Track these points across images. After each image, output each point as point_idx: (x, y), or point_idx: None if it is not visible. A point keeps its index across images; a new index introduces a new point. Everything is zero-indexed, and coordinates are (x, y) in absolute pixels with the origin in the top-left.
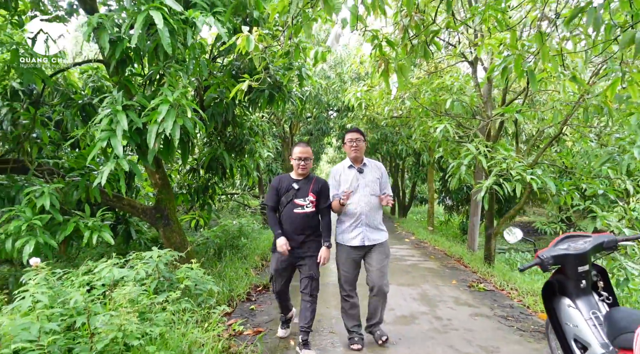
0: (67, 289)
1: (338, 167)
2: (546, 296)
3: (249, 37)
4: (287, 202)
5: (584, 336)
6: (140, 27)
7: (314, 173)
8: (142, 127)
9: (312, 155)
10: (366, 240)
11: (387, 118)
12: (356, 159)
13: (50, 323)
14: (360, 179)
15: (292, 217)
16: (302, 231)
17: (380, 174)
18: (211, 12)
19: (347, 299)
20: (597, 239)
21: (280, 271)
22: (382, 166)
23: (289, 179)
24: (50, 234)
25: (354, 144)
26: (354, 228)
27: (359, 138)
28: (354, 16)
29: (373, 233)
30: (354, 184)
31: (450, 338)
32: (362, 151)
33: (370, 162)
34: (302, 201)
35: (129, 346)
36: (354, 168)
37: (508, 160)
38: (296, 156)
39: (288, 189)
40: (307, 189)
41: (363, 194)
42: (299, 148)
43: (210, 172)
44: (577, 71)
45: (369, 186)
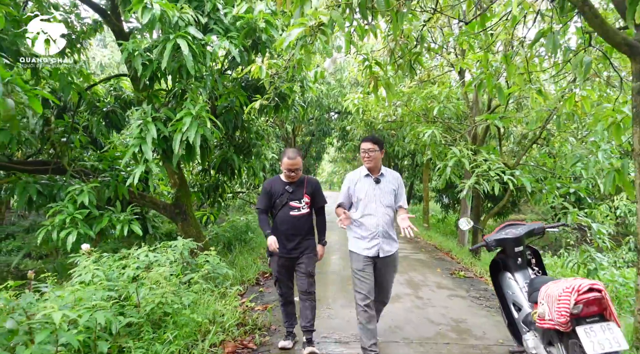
0: (113, 269)
1: (354, 174)
2: (492, 271)
3: (261, 67)
4: (282, 205)
5: (519, 300)
6: (169, 54)
7: (305, 174)
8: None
9: (301, 164)
10: (381, 251)
11: (382, 123)
12: (372, 169)
13: (109, 292)
14: (376, 189)
15: (289, 219)
16: (299, 231)
17: (396, 186)
18: (226, 37)
19: (367, 310)
20: (529, 226)
21: (282, 273)
22: (399, 177)
23: (281, 182)
24: (88, 226)
25: (367, 154)
26: (371, 239)
27: (373, 149)
28: (347, 42)
29: (388, 245)
30: (370, 194)
31: (427, 312)
32: (377, 162)
33: (388, 173)
34: (297, 203)
35: (167, 313)
36: (371, 177)
37: (488, 162)
38: (285, 168)
39: (282, 193)
40: (302, 191)
41: (381, 205)
42: (288, 160)
43: (220, 172)
44: (542, 85)
45: (385, 196)
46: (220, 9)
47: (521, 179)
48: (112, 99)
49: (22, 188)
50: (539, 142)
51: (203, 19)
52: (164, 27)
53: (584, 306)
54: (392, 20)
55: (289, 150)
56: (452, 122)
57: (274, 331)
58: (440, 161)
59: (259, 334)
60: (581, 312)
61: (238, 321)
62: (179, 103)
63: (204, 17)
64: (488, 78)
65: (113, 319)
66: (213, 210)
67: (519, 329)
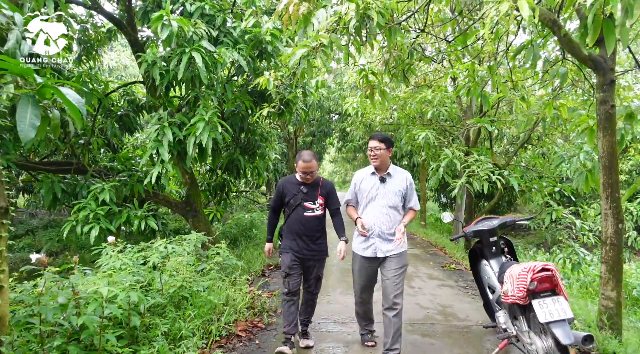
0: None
1: (361, 172)
2: (471, 259)
3: (269, 79)
4: (296, 205)
5: (493, 283)
6: (184, 65)
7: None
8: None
9: (316, 167)
10: (378, 251)
11: (379, 125)
12: (378, 168)
13: (136, 276)
14: (380, 188)
15: (303, 219)
16: (313, 232)
17: (404, 186)
18: (235, 48)
19: (363, 306)
20: (502, 219)
21: (293, 268)
22: (409, 177)
23: (295, 182)
24: (109, 221)
25: (373, 152)
26: (366, 238)
27: (379, 147)
28: (346, 55)
29: (386, 245)
30: (372, 193)
31: (417, 299)
32: (383, 160)
33: (397, 172)
34: (311, 204)
35: (185, 297)
36: (376, 176)
37: (478, 162)
38: (301, 170)
39: (296, 193)
40: (316, 193)
41: (380, 205)
42: (303, 163)
43: (226, 172)
44: (529, 92)
45: (389, 196)
46: (230, 22)
47: (509, 178)
48: (126, 103)
49: (48, 186)
50: (533, 143)
51: (214, 32)
52: (179, 41)
53: (537, 283)
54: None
55: (304, 153)
56: (447, 124)
57: (280, 314)
58: (434, 162)
59: (267, 315)
60: (536, 288)
61: (248, 305)
62: (191, 109)
63: (215, 31)
64: (474, 86)
65: (143, 299)
66: (219, 208)
67: (493, 308)
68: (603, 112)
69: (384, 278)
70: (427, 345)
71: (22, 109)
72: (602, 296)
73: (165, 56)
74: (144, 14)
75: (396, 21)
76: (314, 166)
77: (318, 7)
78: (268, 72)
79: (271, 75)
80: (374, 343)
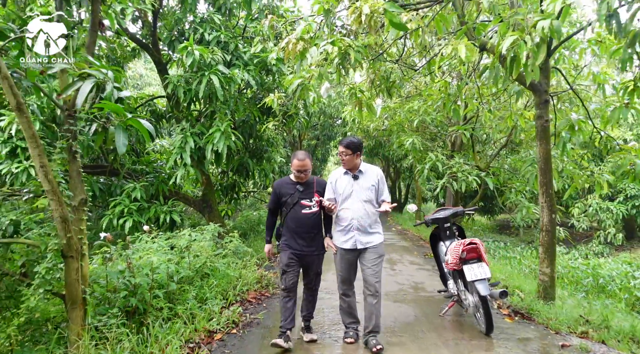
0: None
1: (335, 173)
2: (432, 240)
3: (273, 99)
4: (293, 204)
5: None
6: (204, 86)
7: (313, 175)
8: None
9: (310, 166)
10: (358, 243)
11: (374, 131)
12: (350, 170)
13: (169, 255)
14: (354, 185)
15: (301, 217)
16: (311, 229)
17: (376, 181)
18: (245, 69)
19: (345, 298)
20: (454, 209)
21: (291, 266)
22: (380, 172)
23: (291, 183)
24: (139, 215)
25: (341, 157)
26: (346, 232)
27: (345, 152)
28: (338, 76)
29: (365, 237)
30: (347, 190)
31: (396, 278)
32: (351, 164)
33: (368, 169)
34: (308, 201)
35: (206, 273)
36: (349, 175)
37: (457, 165)
38: (295, 168)
39: (293, 192)
40: (312, 191)
41: (356, 200)
42: (298, 162)
43: (237, 174)
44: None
45: (363, 192)
46: (241, 48)
47: (485, 179)
48: (148, 113)
49: (89, 186)
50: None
51: (227, 56)
52: (200, 65)
53: (466, 253)
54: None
55: (299, 152)
56: (436, 130)
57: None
58: (420, 164)
59: (272, 287)
60: (466, 256)
61: (257, 280)
62: (209, 120)
63: (228, 55)
64: (446, 100)
65: (178, 270)
66: (230, 206)
67: (446, 278)
68: (539, 126)
69: (363, 267)
70: (396, 307)
71: (118, 134)
72: (540, 272)
73: (187, 77)
74: (170, 42)
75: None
76: (308, 165)
77: (311, 46)
78: (272, 93)
79: (275, 96)
80: (353, 340)
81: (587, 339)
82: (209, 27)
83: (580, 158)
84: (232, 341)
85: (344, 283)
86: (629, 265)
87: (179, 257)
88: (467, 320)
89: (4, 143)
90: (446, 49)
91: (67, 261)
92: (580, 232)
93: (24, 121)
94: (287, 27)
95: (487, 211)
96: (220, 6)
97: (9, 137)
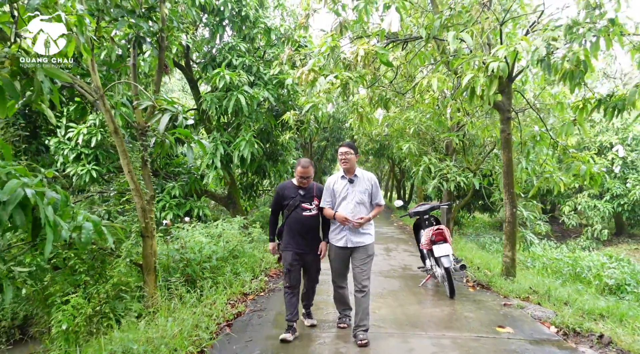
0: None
1: (333, 177)
2: (414, 229)
3: (290, 117)
4: (294, 207)
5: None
6: (232, 103)
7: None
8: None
9: (312, 173)
10: (349, 242)
11: (376, 137)
12: (347, 170)
13: (207, 238)
14: (349, 188)
15: (302, 219)
16: (310, 230)
17: (370, 186)
18: (265, 88)
19: (338, 290)
20: (432, 204)
21: (294, 265)
22: (373, 178)
23: (293, 187)
24: (178, 209)
25: (343, 157)
26: (339, 231)
27: (348, 152)
28: (342, 97)
29: (356, 237)
30: (343, 193)
31: (389, 262)
32: (352, 163)
33: (362, 174)
34: (308, 204)
35: (236, 255)
36: (346, 179)
37: (448, 167)
38: (299, 175)
39: (294, 196)
40: (312, 195)
41: (350, 202)
42: (302, 169)
43: (255, 174)
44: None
45: (357, 195)
46: (262, 69)
47: (472, 180)
48: None
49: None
50: None
51: (250, 77)
52: (229, 86)
53: (435, 236)
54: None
55: (302, 160)
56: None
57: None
58: (415, 167)
59: None
60: (435, 238)
61: (276, 261)
62: (234, 130)
63: (251, 76)
64: (434, 114)
65: (217, 250)
66: (249, 203)
67: (424, 257)
68: (503, 138)
69: (353, 266)
70: (386, 281)
71: (189, 150)
72: (504, 255)
73: (219, 96)
74: (203, 67)
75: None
76: (311, 172)
77: (319, 76)
78: (286, 105)
79: (291, 114)
80: (346, 325)
81: (527, 301)
82: (236, 54)
83: (544, 163)
84: (261, 300)
85: (338, 276)
86: (609, 257)
87: (215, 242)
88: (439, 290)
89: (72, 150)
90: (423, 81)
91: (145, 239)
92: (571, 229)
93: (118, 140)
94: (301, 57)
95: (487, 209)
96: (244, 36)
97: (75, 144)
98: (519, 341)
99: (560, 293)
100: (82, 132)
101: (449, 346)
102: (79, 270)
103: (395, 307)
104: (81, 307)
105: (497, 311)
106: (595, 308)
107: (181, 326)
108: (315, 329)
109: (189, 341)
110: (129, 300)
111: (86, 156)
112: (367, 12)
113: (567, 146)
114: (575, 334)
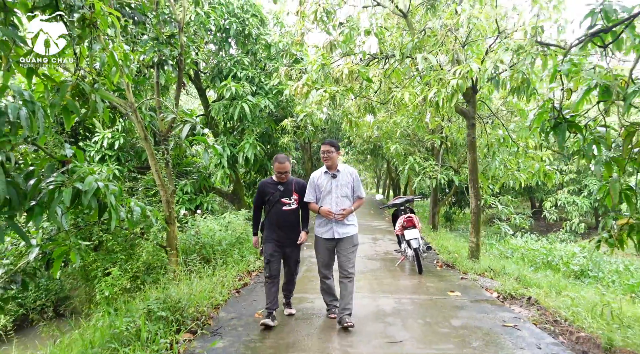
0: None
1: (316, 172)
2: (393, 219)
3: (287, 123)
4: (275, 202)
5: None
6: (238, 111)
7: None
8: (235, 153)
9: (289, 168)
10: (335, 234)
11: (368, 139)
12: (329, 167)
13: (219, 226)
14: (333, 183)
15: (281, 213)
16: (289, 223)
17: (351, 179)
18: (266, 97)
19: (325, 281)
20: (406, 197)
21: (274, 256)
22: (354, 172)
23: (273, 183)
24: (189, 203)
25: (325, 155)
26: (325, 224)
27: (330, 150)
28: (332, 103)
29: (342, 228)
30: (327, 187)
31: (375, 248)
32: (334, 160)
33: (344, 169)
34: (288, 199)
35: (241, 242)
36: (329, 174)
37: (430, 166)
38: (276, 170)
39: (274, 191)
40: (291, 190)
41: (334, 196)
42: (279, 165)
43: (257, 173)
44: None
45: (340, 189)
46: (263, 80)
47: (452, 177)
48: None
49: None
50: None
51: (253, 87)
52: (235, 95)
53: (406, 223)
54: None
55: (279, 156)
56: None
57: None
58: (402, 165)
59: None
60: (406, 225)
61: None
62: (239, 134)
63: (254, 86)
64: (415, 119)
65: (227, 236)
66: (252, 199)
67: (400, 242)
68: (468, 141)
69: (339, 255)
70: (369, 262)
71: (204, 154)
72: (469, 241)
73: (225, 105)
74: (212, 79)
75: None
76: (287, 167)
77: (312, 89)
78: (284, 111)
79: (288, 121)
80: (334, 315)
81: (482, 277)
82: (240, 67)
83: (508, 162)
84: (263, 276)
85: (324, 267)
86: (582, 248)
87: (224, 230)
88: (412, 268)
89: (97, 152)
90: (397, 94)
91: (169, 225)
92: (553, 223)
93: (147, 145)
94: (297, 72)
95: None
96: (247, 51)
97: (100, 147)
98: (463, 300)
99: (512, 271)
100: (107, 136)
101: (407, 302)
102: (115, 250)
103: (372, 280)
104: (119, 279)
105: (454, 282)
106: (534, 280)
107: (202, 288)
108: (306, 319)
109: (207, 300)
110: (157, 274)
111: (109, 157)
112: (350, 36)
113: (528, 147)
114: (511, 298)
